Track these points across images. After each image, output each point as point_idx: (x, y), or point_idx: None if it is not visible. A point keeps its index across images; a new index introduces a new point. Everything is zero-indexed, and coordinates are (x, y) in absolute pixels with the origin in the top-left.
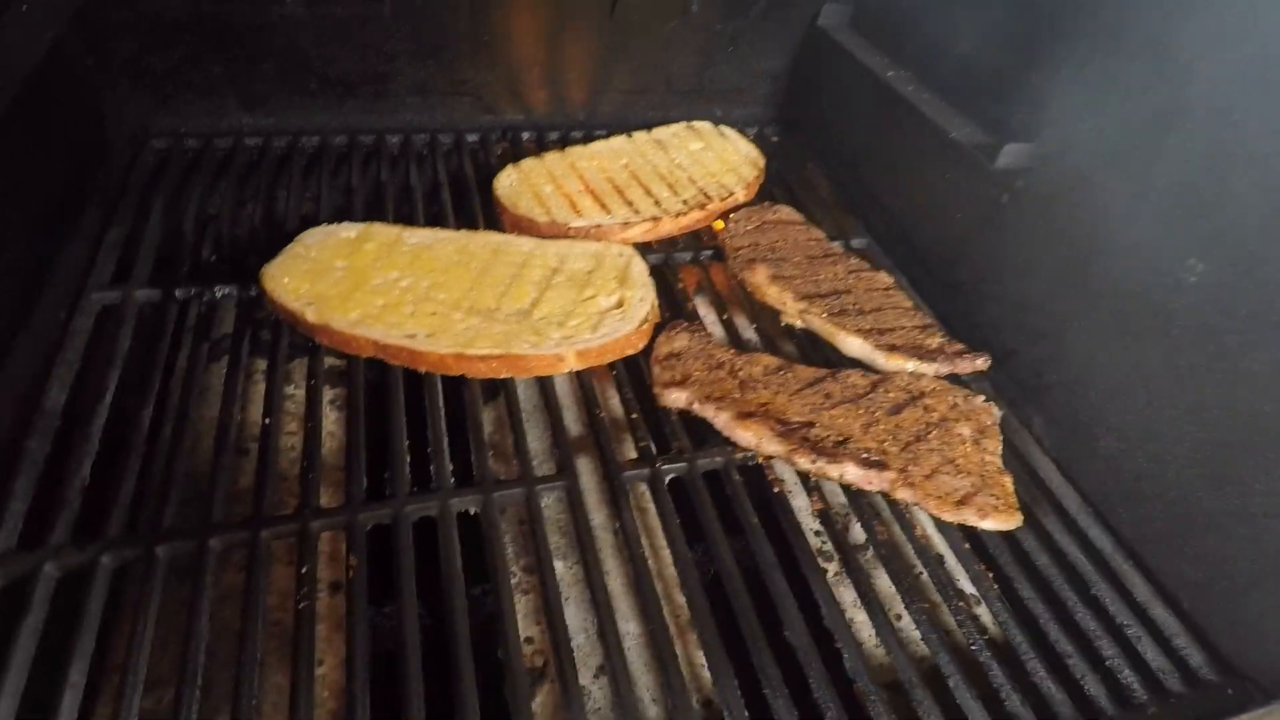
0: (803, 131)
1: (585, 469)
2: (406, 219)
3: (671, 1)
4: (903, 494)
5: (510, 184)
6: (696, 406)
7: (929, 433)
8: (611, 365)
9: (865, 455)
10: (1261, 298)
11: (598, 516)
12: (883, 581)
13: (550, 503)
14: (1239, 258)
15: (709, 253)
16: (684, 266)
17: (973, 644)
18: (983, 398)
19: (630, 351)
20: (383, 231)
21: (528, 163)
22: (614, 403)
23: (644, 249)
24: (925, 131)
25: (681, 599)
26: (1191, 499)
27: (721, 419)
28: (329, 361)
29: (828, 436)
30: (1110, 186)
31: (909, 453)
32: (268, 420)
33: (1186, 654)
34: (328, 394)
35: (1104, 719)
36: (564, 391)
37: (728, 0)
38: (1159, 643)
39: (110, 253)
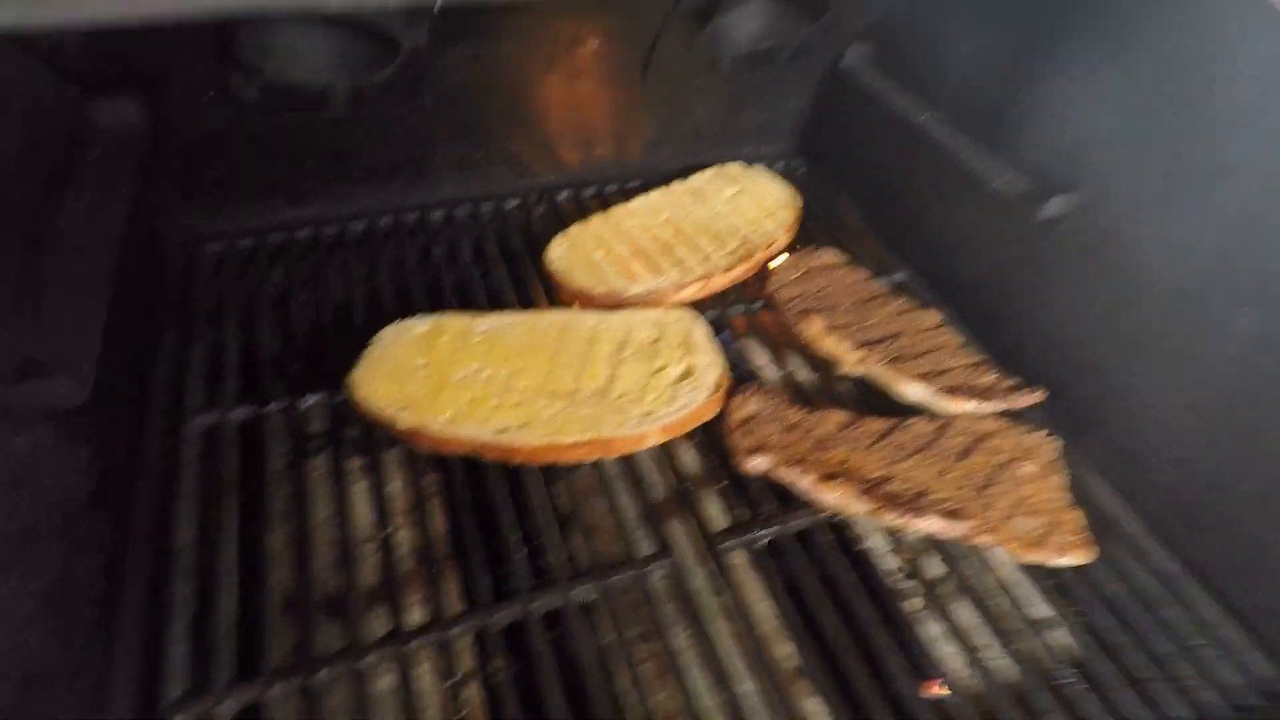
0: (829, 162)
1: (681, 540)
2: (463, 295)
3: (699, 60)
4: (984, 539)
5: (561, 255)
6: (780, 471)
7: (998, 475)
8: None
9: (945, 506)
10: None
11: (701, 585)
12: (966, 613)
13: (656, 579)
14: None
15: (759, 304)
16: (735, 319)
17: (1058, 670)
18: (1044, 431)
19: (707, 418)
20: (453, 322)
21: (574, 230)
22: (695, 469)
23: (698, 305)
24: (960, 175)
25: (789, 655)
26: (1253, 528)
27: (805, 482)
28: (424, 458)
29: (907, 490)
30: (1154, 236)
31: (983, 498)
32: (386, 531)
33: (1260, 669)
34: (430, 490)
35: None
36: (645, 460)
37: (754, 53)
38: (1233, 661)
39: (197, 373)
